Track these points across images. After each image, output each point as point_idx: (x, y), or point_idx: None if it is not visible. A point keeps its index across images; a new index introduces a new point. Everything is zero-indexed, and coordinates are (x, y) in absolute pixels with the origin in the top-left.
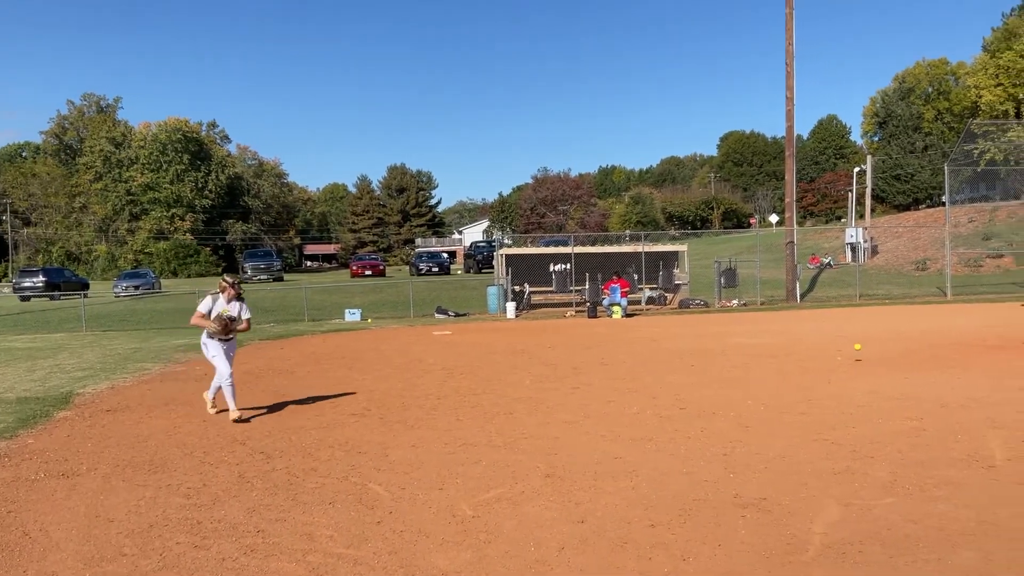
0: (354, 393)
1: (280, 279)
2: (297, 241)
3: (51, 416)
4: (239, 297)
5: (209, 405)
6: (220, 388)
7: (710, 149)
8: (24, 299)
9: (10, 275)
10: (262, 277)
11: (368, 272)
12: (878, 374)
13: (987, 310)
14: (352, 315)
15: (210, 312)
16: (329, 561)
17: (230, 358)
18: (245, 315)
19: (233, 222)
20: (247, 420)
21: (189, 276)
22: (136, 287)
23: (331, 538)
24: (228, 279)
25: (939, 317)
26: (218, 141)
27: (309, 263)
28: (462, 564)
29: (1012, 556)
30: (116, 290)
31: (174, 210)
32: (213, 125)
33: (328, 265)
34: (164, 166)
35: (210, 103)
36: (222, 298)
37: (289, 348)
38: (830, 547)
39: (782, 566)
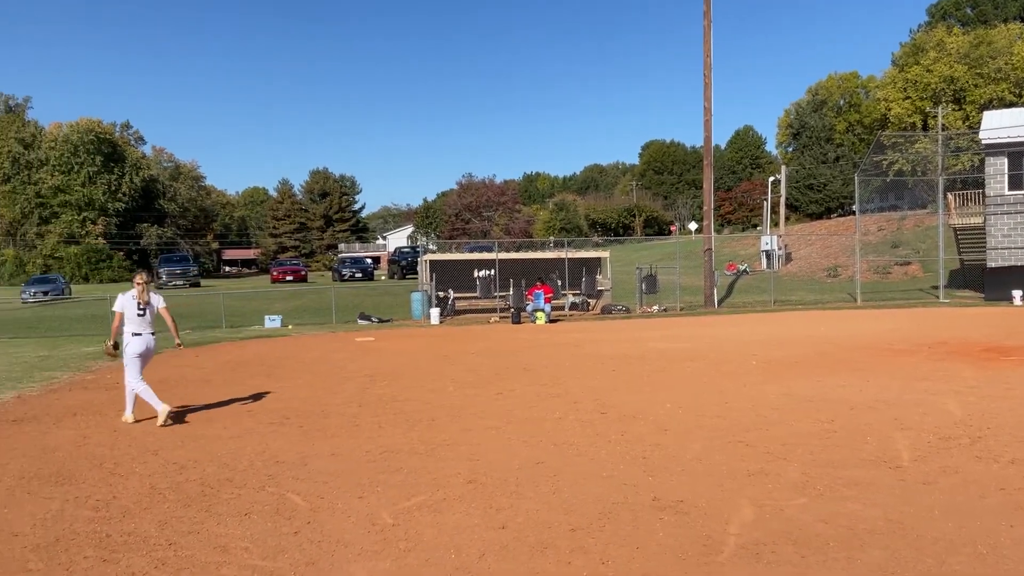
0: (273, 401)
1: (197, 285)
2: (215, 246)
3: None
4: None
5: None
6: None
7: (632, 157)
8: None
9: None
10: (178, 283)
11: (289, 278)
12: (791, 377)
13: (895, 315)
14: (272, 321)
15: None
16: (244, 573)
17: (139, 362)
18: (160, 304)
19: (148, 226)
20: (137, 421)
21: (101, 281)
22: (45, 293)
23: (246, 550)
24: (144, 277)
25: (849, 322)
26: (132, 143)
27: (228, 268)
28: (381, 573)
29: (917, 554)
30: (24, 296)
31: (86, 213)
32: (127, 126)
33: (248, 271)
34: (76, 168)
35: (124, 103)
36: (134, 293)
37: (205, 356)
38: (744, 547)
39: (698, 567)
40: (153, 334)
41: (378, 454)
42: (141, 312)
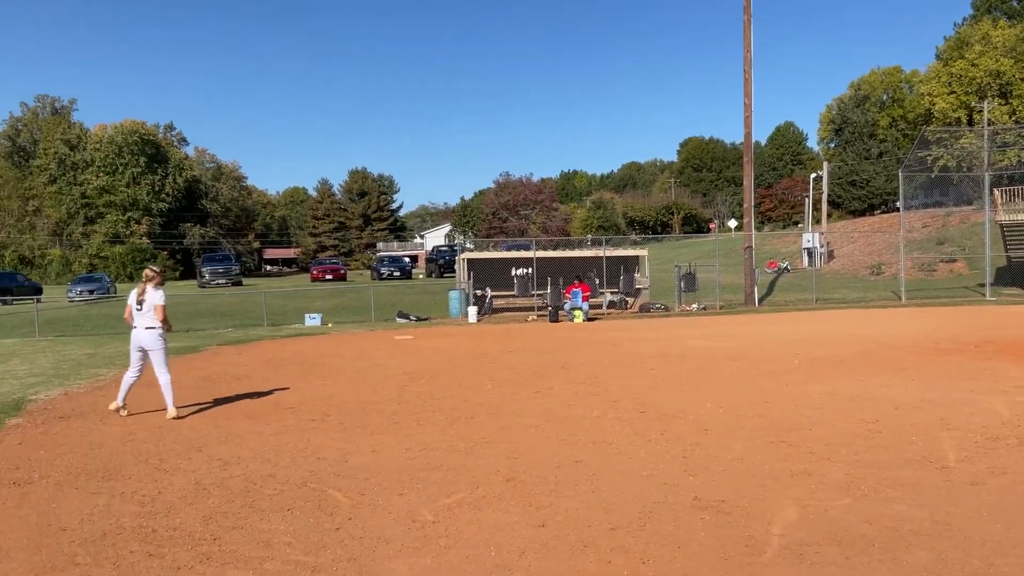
0: (314, 399)
1: (239, 283)
2: (256, 245)
3: (2, 423)
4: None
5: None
6: (165, 389)
7: (670, 155)
8: None
9: None
10: (220, 281)
11: (329, 276)
12: (834, 376)
13: (940, 314)
14: (312, 320)
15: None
16: (287, 568)
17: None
18: (157, 300)
19: (191, 226)
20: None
21: None
22: (91, 292)
23: (289, 545)
24: (156, 268)
25: (894, 320)
26: (175, 143)
27: (269, 267)
28: (421, 570)
29: (964, 556)
30: (70, 295)
31: (130, 213)
32: (170, 127)
33: (288, 269)
34: (120, 169)
35: (167, 105)
36: (137, 290)
37: (247, 353)
38: (788, 548)
39: (740, 567)
40: (149, 328)
41: (418, 451)
42: (138, 307)
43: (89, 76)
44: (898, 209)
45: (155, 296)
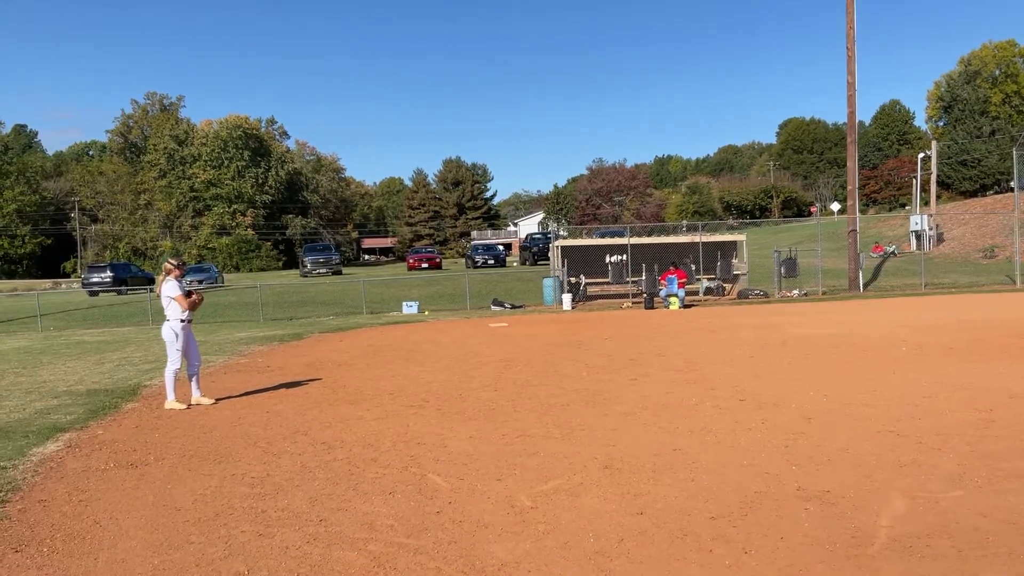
0: (412, 385)
1: (339, 273)
2: (355, 235)
3: (119, 407)
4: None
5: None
6: (175, 379)
7: (769, 137)
8: (93, 294)
9: (79, 271)
10: (321, 271)
11: (425, 265)
12: (945, 364)
13: None
14: (409, 307)
15: (188, 293)
16: (390, 550)
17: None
18: (164, 292)
19: (292, 217)
20: (188, 407)
21: (251, 270)
22: (200, 282)
23: (392, 528)
24: (174, 261)
25: (1008, 306)
26: (277, 137)
27: (367, 256)
28: (521, 555)
29: None
30: (181, 285)
31: (235, 206)
32: (272, 122)
33: (385, 258)
34: (225, 163)
35: (269, 100)
36: (172, 279)
37: (348, 340)
38: (896, 540)
39: (847, 559)
40: (166, 321)
41: (514, 437)
42: (164, 302)
43: (195, 73)
44: (1012, 189)
45: (166, 288)
